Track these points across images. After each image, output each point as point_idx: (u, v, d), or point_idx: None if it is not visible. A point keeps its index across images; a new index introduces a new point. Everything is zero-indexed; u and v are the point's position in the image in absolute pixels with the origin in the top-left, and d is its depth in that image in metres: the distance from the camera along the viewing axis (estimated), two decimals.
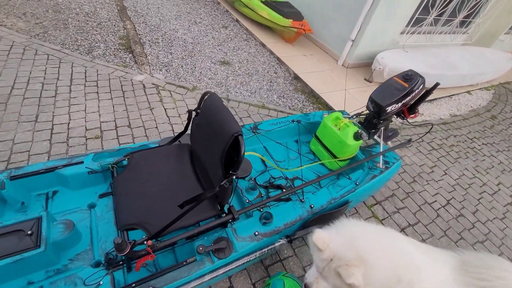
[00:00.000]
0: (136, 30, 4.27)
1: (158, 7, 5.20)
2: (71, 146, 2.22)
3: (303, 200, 1.76)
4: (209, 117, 1.44)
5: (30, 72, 2.88)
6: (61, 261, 1.39)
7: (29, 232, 1.28)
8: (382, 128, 2.32)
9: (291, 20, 4.54)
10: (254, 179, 2.01)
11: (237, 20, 5.52)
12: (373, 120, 2.25)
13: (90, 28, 3.98)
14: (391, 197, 2.59)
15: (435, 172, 3.08)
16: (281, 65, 4.43)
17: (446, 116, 4.34)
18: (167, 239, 1.33)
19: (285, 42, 5.07)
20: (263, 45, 4.83)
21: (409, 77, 2.06)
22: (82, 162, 1.66)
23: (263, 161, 2.22)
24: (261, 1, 4.93)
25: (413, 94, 2.07)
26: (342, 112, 2.62)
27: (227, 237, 1.47)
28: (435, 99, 4.67)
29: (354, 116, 2.41)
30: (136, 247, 1.21)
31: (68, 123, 2.42)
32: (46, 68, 2.99)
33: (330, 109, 3.58)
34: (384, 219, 2.36)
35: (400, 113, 2.24)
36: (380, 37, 4.48)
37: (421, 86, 2.07)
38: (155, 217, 1.36)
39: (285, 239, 1.61)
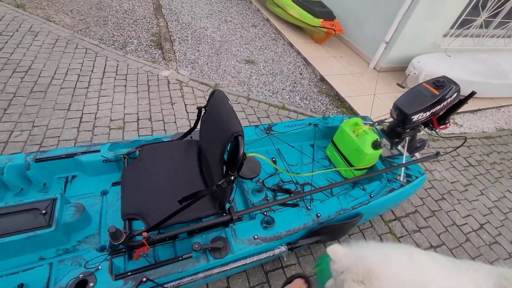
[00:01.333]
0: (168, 28, 4.44)
1: (192, 6, 5.36)
2: (95, 135, 2.38)
3: (309, 207, 1.69)
4: (214, 114, 1.43)
5: (69, 64, 3.13)
6: (71, 242, 1.48)
7: (43, 211, 1.38)
8: (407, 138, 2.14)
9: (322, 19, 4.40)
10: (262, 181, 1.97)
11: (267, 19, 5.49)
12: (396, 128, 2.09)
13: (127, 25, 4.23)
14: (413, 213, 2.38)
15: (469, 191, 2.77)
16: (308, 66, 4.31)
17: (491, 129, 3.89)
18: (164, 233, 1.35)
19: (314, 42, 4.93)
20: (291, 45, 4.75)
21: (441, 83, 1.87)
22: (98, 151, 1.75)
23: (274, 163, 2.17)
24: (292, 0, 4.84)
25: (445, 103, 1.88)
26: (365, 118, 2.47)
27: (225, 237, 1.46)
28: (479, 109, 4.22)
29: (376, 123, 2.25)
30: (133, 237, 1.25)
31: (96, 113, 2.59)
32: (83, 61, 3.24)
33: (354, 114, 3.40)
34: (402, 237, 2.18)
35: (428, 123, 2.05)
36: (418, 40, 4.15)
37: (455, 95, 1.87)
38: (155, 209, 1.39)
39: (286, 247, 1.55)
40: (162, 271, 1.30)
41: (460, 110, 3.90)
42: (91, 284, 1.18)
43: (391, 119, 2.14)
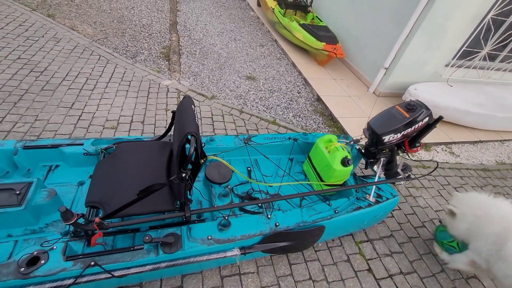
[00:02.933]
0: (179, 42, 4.77)
1: (206, 24, 5.74)
2: (89, 132, 2.57)
3: (269, 216, 1.72)
4: (179, 117, 1.55)
5: (81, 68, 3.43)
6: (39, 224, 1.60)
7: (17, 192, 1.52)
8: (382, 159, 2.15)
9: (324, 43, 4.57)
10: (232, 188, 2.03)
11: (275, 40, 5.75)
12: (370, 148, 2.11)
13: (142, 38, 4.59)
14: (388, 237, 2.33)
15: None
16: (307, 85, 4.44)
17: (490, 162, 3.77)
18: (120, 221, 1.44)
19: (317, 64, 5.08)
20: (294, 65, 4.92)
21: (412, 107, 1.91)
22: (82, 144, 1.91)
23: (248, 172, 2.25)
24: (299, 24, 5.08)
25: (416, 125, 1.90)
26: (344, 136, 2.52)
27: (179, 234, 1.52)
28: (481, 141, 4.11)
29: (352, 142, 2.29)
30: (90, 222, 1.34)
31: (94, 113, 2.80)
32: (94, 66, 3.54)
33: (344, 134, 3.43)
34: (371, 259, 2.13)
35: (401, 145, 2.07)
36: (418, 68, 4.19)
37: (426, 119, 1.90)
38: (116, 200, 1.48)
39: (239, 251, 1.58)
40: (111, 258, 1.38)
41: (459, 139, 3.85)
42: (42, 261, 1.28)
43: (367, 140, 2.18)
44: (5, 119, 2.51)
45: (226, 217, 1.69)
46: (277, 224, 1.70)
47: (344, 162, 1.96)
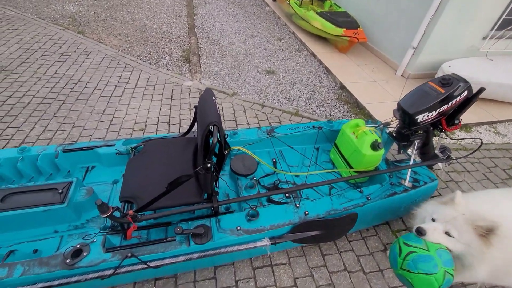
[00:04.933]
0: (198, 44, 4.87)
1: (222, 24, 5.80)
2: (120, 135, 2.71)
3: (298, 205, 1.68)
4: (200, 110, 1.57)
5: (110, 77, 3.64)
6: (80, 220, 1.71)
7: (60, 191, 1.64)
8: (416, 141, 2.00)
9: (344, 29, 4.38)
10: (258, 179, 2.02)
11: (293, 33, 5.64)
12: (403, 130, 1.98)
13: (163, 44, 4.76)
14: None
15: None
16: (329, 74, 4.29)
17: None
18: (152, 213, 1.49)
19: (338, 52, 4.90)
20: (314, 55, 4.79)
21: (447, 81, 1.74)
22: (113, 145, 2.02)
23: (274, 163, 2.21)
24: (317, 12, 4.93)
25: (453, 101, 1.74)
26: (376, 122, 2.39)
27: (208, 226, 1.54)
28: None
29: (382, 125, 2.16)
30: (125, 215, 1.41)
31: (124, 117, 2.96)
32: (121, 74, 3.74)
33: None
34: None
35: (437, 124, 1.91)
36: (451, 44, 3.86)
37: (465, 92, 1.73)
38: (147, 194, 1.54)
39: (269, 241, 1.56)
40: (146, 249, 1.43)
41: (504, 118, 3.48)
42: (85, 253, 1.36)
43: (398, 122, 2.04)
44: (47, 128, 2.74)
45: (254, 208, 1.67)
46: (307, 212, 1.65)
47: (374, 146, 1.85)
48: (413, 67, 4.06)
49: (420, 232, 1.30)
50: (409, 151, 2.13)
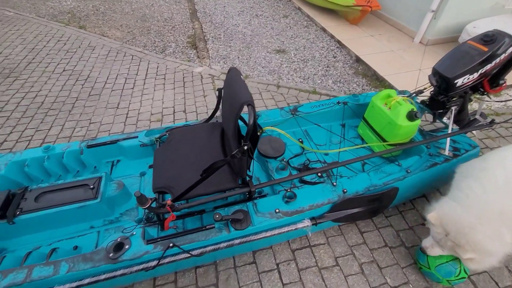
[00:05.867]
0: (202, 29, 4.70)
1: (224, 6, 5.56)
2: (138, 127, 2.66)
3: (335, 183, 1.61)
4: (228, 90, 1.48)
5: (119, 70, 3.56)
6: (114, 214, 1.69)
7: (91, 186, 1.61)
8: (453, 108, 1.88)
9: None
10: (287, 160, 1.95)
11: (299, 8, 5.38)
12: (438, 97, 1.86)
13: (166, 31, 4.61)
14: None
15: None
16: (342, 48, 4.09)
17: None
18: (186, 203, 1.45)
19: (349, 24, 4.65)
20: (324, 30, 4.56)
21: (490, 38, 1.60)
22: (136, 137, 1.96)
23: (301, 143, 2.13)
24: None
25: (497, 60, 1.61)
26: (404, 92, 2.26)
27: (246, 210, 1.49)
28: None
29: (414, 94, 2.03)
30: (162, 206, 1.37)
31: (139, 109, 2.89)
32: (129, 66, 3.64)
33: None
34: None
35: (478, 87, 1.77)
36: (473, 3, 3.59)
37: (510, 49, 1.58)
38: (180, 183, 1.49)
39: (310, 221, 1.51)
40: (187, 238, 1.39)
41: None
42: (127, 246, 1.34)
43: (432, 89, 1.91)
44: (64, 126, 2.71)
45: (290, 189, 1.61)
46: (345, 190, 1.58)
47: (411, 116, 1.74)
48: (433, 32, 3.83)
49: (422, 251, 1.53)
50: (444, 119, 2.02)
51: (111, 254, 1.30)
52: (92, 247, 1.52)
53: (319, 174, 1.89)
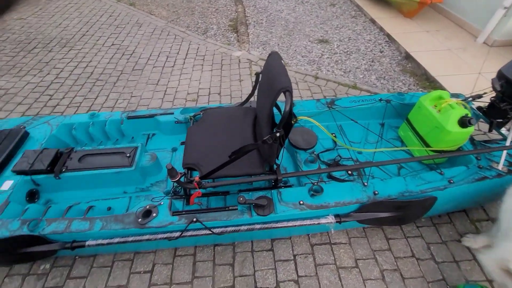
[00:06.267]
0: (245, 13, 4.65)
1: None
2: (174, 105, 2.75)
3: (366, 184, 1.53)
4: (266, 74, 1.44)
5: (161, 48, 3.68)
6: (146, 183, 1.79)
7: (128, 155, 1.71)
8: None
9: None
10: (318, 154, 1.89)
11: None
12: (500, 104, 1.65)
13: (209, 13, 4.64)
14: None
15: None
16: (391, 43, 3.80)
17: None
18: (213, 182, 1.47)
19: (403, 16, 4.28)
20: (373, 22, 4.26)
21: None
22: (172, 113, 2.03)
23: (333, 140, 2.05)
24: None
25: None
26: (458, 95, 2.05)
27: (270, 197, 1.48)
28: None
29: (470, 98, 1.83)
30: (190, 181, 1.41)
31: (176, 88, 2.98)
32: (172, 45, 3.75)
33: None
34: None
35: None
36: None
37: None
38: (209, 162, 1.52)
39: (334, 218, 1.46)
40: (210, 216, 1.43)
41: None
42: (154, 214, 1.41)
43: (494, 94, 1.70)
44: (109, 97, 2.89)
45: (317, 183, 1.56)
46: (376, 192, 1.49)
47: (464, 122, 1.57)
48: (501, 32, 3.38)
49: None
50: (503, 129, 1.79)
51: (139, 219, 1.38)
52: (123, 210, 1.63)
53: (350, 172, 1.81)
